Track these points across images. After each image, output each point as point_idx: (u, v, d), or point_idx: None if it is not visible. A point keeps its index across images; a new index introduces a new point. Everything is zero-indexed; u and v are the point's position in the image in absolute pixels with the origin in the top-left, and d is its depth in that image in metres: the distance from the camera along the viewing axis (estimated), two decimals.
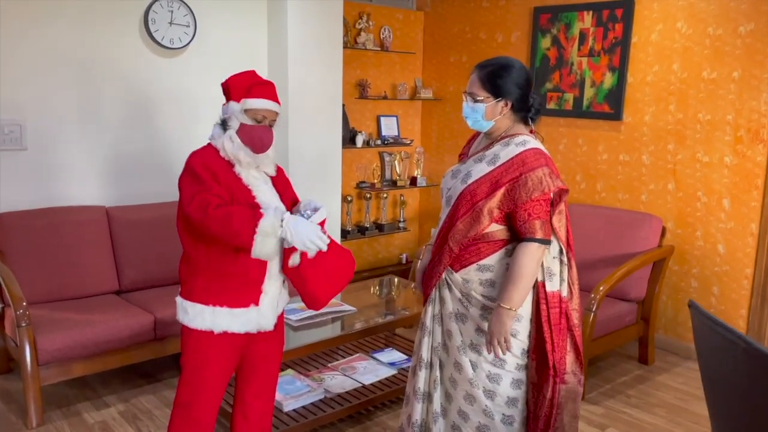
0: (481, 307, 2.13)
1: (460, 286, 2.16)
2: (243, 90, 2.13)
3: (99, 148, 3.81)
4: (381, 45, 5.09)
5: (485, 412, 2.14)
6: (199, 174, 2.06)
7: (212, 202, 1.98)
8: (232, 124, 2.13)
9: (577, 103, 4.41)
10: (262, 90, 2.16)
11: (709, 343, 1.36)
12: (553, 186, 2.05)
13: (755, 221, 3.71)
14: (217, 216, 1.95)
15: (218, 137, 2.15)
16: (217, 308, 2.12)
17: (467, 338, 2.16)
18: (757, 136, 3.65)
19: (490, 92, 2.12)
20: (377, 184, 5.19)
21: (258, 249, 1.95)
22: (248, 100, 2.12)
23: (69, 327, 3.09)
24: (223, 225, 1.95)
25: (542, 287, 2.11)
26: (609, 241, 3.90)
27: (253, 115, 2.13)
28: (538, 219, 2.04)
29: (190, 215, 2.01)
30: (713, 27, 3.76)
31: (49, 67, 3.57)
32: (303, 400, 3.05)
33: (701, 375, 1.54)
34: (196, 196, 2.01)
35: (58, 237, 3.49)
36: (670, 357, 4.04)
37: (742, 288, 3.80)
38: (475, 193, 2.10)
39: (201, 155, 2.14)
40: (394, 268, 5.30)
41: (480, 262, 2.13)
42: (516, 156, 2.08)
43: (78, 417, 3.14)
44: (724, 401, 1.37)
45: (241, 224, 1.94)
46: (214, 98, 4.23)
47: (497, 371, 2.14)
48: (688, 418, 3.30)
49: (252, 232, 1.93)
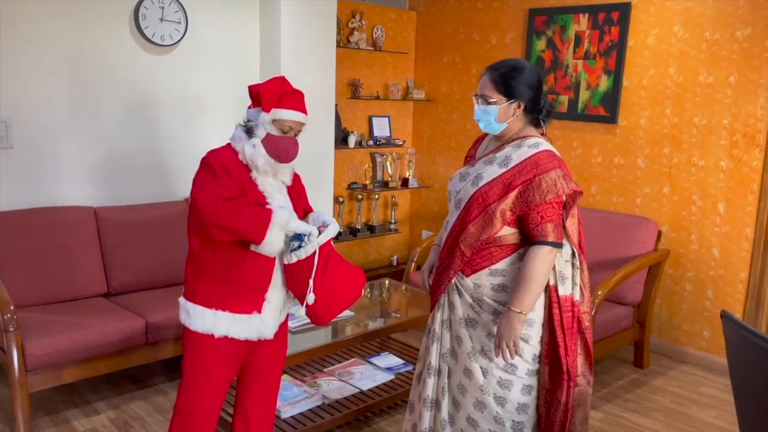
0: (493, 312, 2.09)
1: (471, 291, 2.12)
2: (274, 99, 2.07)
3: (87, 147, 3.71)
4: (374, 45, 5.03)
5: (496, 419, 2.10)
6: (214, 168, 2.02)
7: (223, 194, 1.95)
8: (259, 132, 2.08)
9: (571, 106, 4.40)
10: (293, 101, 2.10)
11: (744, 352, 1.33)
12: (567, 188, 2.02)
13: (750, 225, 3.72)
14: (227, 206, 1.92)
15: (240, 140, 2.10)
16: (219, 312, 2.08)
17: (478, 344, 2.12)
18: (753, 141, 3.66)
19: (502, 94, 2.08)
20: (369, 185, 5.14)
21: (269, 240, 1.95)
22: (279, 110, 2.07)
23: (58, 331, 2.98)
24: (233, 214, 1.92)
25: (554, 291, 2.08)
26: (605, 245, 3.89)
27: (281, 126, 2.09)
28: (551, 222, 2.02)
29: (197, 201, 1.94)
30: (710, 31, 3.77)
31: (37, 63, 3.46)
32: (301, 407, 2.99)
33: (732, 384, 1.51)
34: (208, 185, 1.97)
35: (44, 238, 3.39)
36: (664, 360, 4.04)
37: (736, 292, 3.81)
38: (488, 195, 2.06)
39: (219, 154, 2.09)
40: (385, 270, 5.25)
41: (492, 266, 2.09)
42: (529, 158, 2.04)
43: (67, 425, 3.05)
44: (757, 411, 1.34)
45: (249, 219, 1.93)
46: (205, 96, 4.17)
47: (508, 377, 2.10)
48: (687, 423, 3.29)
49: (263, 228, 1.92)
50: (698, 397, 3.58)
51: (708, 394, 3.61)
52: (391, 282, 4.07)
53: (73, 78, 3.60)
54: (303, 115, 2.12)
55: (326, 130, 4.42)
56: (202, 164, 2.08)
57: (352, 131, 4.95)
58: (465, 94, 5.07)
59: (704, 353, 3.96)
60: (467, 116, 5.08)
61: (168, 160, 4.04)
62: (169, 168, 4.05)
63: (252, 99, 2.13)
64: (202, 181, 2.02)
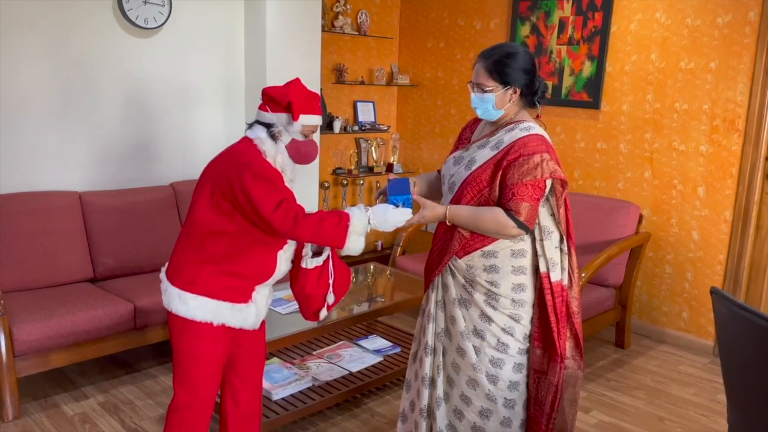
0: (485, 293, 2.13)
1: (464, 272, 2.15)
2: (302, 107, 2.10)
3: (72, 131, 3.67)
4: (358, 29, 5.03)
5: (488, 396, 2.15)
6: (270, 178, 2.01)
7: (300, 211, 1.98)
8: (284, 138, 2.11)
9: (555, 92, 4.45)
10: (316, 106, 2.15)
11: (734, 326, 1.38)
12: (547, 173, 2.04)
13: (729, 209, 3.81)
14: (307, 225, 1.97)
15: (267, 144, 2.09)
16: (220, 302, 2.10)
17: (470, 324, 2.16)
18: (733, 126, 3.74)
19: (498, 81, 2.09)
20: (354, 171, 5.15)
21: (349, 247, 2.02)
22: (307, 116, 2.11)
23: (46, 317, 2.97)
24: (315, 232, 1.98)
25: (546, 278, 2.12)
26: (588, 228, 3.95)
27: (305, 131, 2.13)
28: (523, 201, 2.02)
29: (274, 224, 1.97)
30: (691, 18, 3.83)
31: (17, 46, 3.40)
32: (291, 389, 3.02)
33: (720, 358, 1.57)
34: (282, 204, 1.97)
35: (29, 223, 3.36)
36: (644, 341, 4.14)
37: (715, 273, 3.90)
38: (481, 179, 2.09)
39: (258, 157, 2.06)
40: (370, 255, 5.28)
41: (484, 248, 2.12)
42: (519, 139, 2.07)
43: (56, 409, 3.04)
44: (745, 384, 1.39)
45: (332, 229, 1.99)
46: (190, 80, 4.14)
47: (500, 356, 2.15)
48: (667, 400, 3.38)
49: (344, 234, 2.00)
50: (677, 375, 3.68)
51: (687, 373, 3.71)
52: (377, 266, 4.11)
53: (56, 61, 3.55)
54: (321, 117, 2.19)
55: None
56: (253, 173, 1.99)
57: (337, 116, 4.95)
58: (449, 79, 5.09)
59: (683, 333, 4.06)
60: (451, 102, 5.11)
61: (153, 144, 4.01)
62: (154, 152, 4.02)
63: (270, 101, 2.11)
64: (270, 198, 1.97)
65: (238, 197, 2.00)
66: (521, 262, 2.13)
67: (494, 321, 2.13)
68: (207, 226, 2.07)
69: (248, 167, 2.00)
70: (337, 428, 3.00)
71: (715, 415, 3.24)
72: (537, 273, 2.15)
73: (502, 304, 2.13)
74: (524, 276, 2.14)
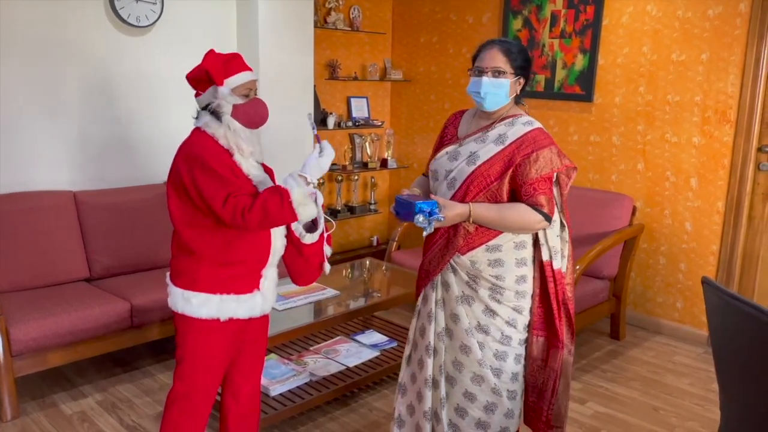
0: (490, 288, 2.13)
1: (467, 269, 2.15)
2: (221, 71, 2.06)
3: (63, 130, 3.66)
4: (351, 25, 5.02)
5: (494, 390, 2.16)
6: (217, 171, 1.99)
7: (246, 204, 1.96)
8: (225, 109, 2.05)
9: (548, 85, 4.46)
10: (238, 64, 2.10)
11: (726, 316, 1.40)
12: (561, 164, 2.08)
13: (721, 200, 3.84)
14: (253, 217, 1.96)
15: (213, 126, 2.06)
16: (224, 296, 2.10)
17: (474, 320, 2.16)
18: (724, 117, 3.76)
19: (512, 67, 2.09)
20: (348, 166, 5.15)
21: (303, 217, 2.01)
22: (231, 78, 2.07)
23: (43, 316, 2.98)
24: (262, 221, 1.97)
25: (549, 266, 2.14)
26: (582, 220, 3.97)
27: (240, 92, 2.08)
28: (543, 194, 2.07)
29: (225, 219, 1.98)
30: (683, 10, 3.85)
31: (7, 44, 3.39)
32: (289, 384, 3.03)
33: (713, 348, 1.58)
34: (229, 199, 1.96)
35: (24, 223, 3.35)
36: (639, 332, 4.17)
37: (708, 264, 3.93)
38: (488, 173, 2.09)
39: (205, 146, 2.03)
40: (365, 250, 5.29)
41: (489, 243, 2.12)
42: (527, 134, 2.09)
43: (55, 408, 3.05)
44: (736, 373, 1.41)
45: (278, 211, 1.96)
46: (183, 78, 4.10)
47: (504, 349, 2.16)
48: (662, 390, 3.41)
49: (291, 211, 1.97)
50: (672, 366, 3.71)
51: (682, 363, 3.74)
52: (372, 261, 4.12)
53: (46, 60, 3.54)
54: (252, 72, 2.13)
55: (305, 112, 4.41)
56: (199, 164, 1.99)
57: (331, 112, 4.95)
58: (442, 74, 5.10)
59: (677, 324, 4.09)
60: (445, 96, 5.11)
61: (146, 142, 4.01)
62: (147, 150, 4.01)
63: (197, 84, 2.10)
64: (217, 194, 1.97)
65: (191, 192, 2.01)
66: (523, 254, 2.15)
67: (499, 314, 2.14)
68: (185, 223, 2.07)
69: (196, 161, 2.00)
70: (335, 423, 3.01)
71: (710, 404, 3.27)
72: (536, 263, 2.17)
73: (506, 297, 2.14)
74: (525, 267, 2.16)
